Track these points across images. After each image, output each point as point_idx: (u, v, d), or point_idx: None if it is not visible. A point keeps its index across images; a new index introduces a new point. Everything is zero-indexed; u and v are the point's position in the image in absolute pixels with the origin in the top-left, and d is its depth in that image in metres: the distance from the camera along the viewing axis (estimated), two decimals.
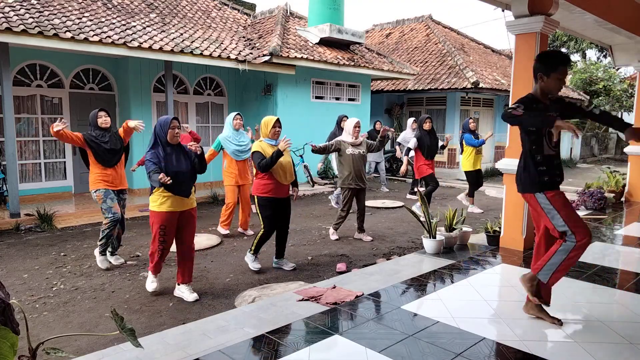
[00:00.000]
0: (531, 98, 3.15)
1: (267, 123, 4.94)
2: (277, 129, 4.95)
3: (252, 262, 5.06)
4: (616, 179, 8.47)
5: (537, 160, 3.12)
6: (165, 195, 4.07)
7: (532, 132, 3.12)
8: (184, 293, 4.24)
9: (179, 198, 4.12)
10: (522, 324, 3.26)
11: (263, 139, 4.98)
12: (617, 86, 21.13)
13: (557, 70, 3.07)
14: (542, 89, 3.17)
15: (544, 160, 3.12)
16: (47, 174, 9.21)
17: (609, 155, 23.49)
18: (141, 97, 9.91)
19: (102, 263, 5.08)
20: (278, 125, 4.96)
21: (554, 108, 3.17)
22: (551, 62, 3.10)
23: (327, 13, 11.74)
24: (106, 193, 4.99)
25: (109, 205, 4.97)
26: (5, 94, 7.15)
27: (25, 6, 7.68)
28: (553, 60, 3.11)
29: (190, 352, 2.87)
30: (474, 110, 15.22)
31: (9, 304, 1.82)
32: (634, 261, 4.90)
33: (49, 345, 2.15)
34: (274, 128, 4.92)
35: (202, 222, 7.44)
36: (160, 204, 4.08)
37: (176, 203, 4.12)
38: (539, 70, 3.14)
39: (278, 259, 5.17)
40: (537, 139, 3.12)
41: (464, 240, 5.43)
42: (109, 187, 5.03)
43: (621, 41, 8.06)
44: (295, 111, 11.34)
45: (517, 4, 5.06)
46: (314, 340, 3.01)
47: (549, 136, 3.11)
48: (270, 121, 4.94)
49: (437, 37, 16.61)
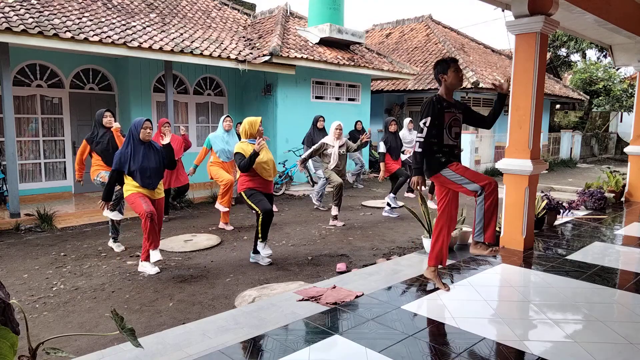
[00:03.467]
0: (434, 102, 3.65)
1: (253, 124, 5.13)
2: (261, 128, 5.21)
3: (264, 249, 5.16)
4: (616, 179, 8.46)
5: (436, 149, 3.69)
6: (135, 185, 4.79)
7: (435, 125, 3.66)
8: (147, 267, 4.88)
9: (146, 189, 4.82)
10: (522, 324, 3.26)
11: (245, 139, 5.14)
12: (617, 86, 21.12)
13: (450, 67, 3.70)
14: (446, 87, 3.74)
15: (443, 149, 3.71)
16: (47, 174, 9.21)
17: (609, 155, 23.48)
18: (141, 97, 9.91)
19: (117, 215, 5.57)
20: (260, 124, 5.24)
21: (459, 107, 3.80)
22: (443, 62, 3.73)
23: (327, 13, 11.74)
24: (107, 172, 5.56)
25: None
26: (5, 94, 7.15)
27: (25, 6, 7.68)
28: (444, 61, 3.74)
29: (190, 352, 2.87)
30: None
31: (9, 304, 1.82)
32: (634, 261, 4.90)
33: (49, 345, 2.15)
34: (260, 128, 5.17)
35: (202, 222, 7.44)
36: (130, 190, 4.83)
37: (145, 192, 4.84)
38: (439, 72, 3.74)
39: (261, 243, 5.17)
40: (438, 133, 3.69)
41: (464, 240, 5.43)
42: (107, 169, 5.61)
43: (621, 41, 8.06)
44: (295, 111, 11.34)
45: (517, 4, 5.06)
46: (314, 340, 3.01)
47: (449, 129, 3.71)
48: (255, 122, 5.14)
49: (437, 37, 16.62)
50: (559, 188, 11.37)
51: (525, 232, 5.17)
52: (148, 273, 4.85)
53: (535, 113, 5.08)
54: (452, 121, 3.71)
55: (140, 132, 4.79)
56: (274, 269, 5.11)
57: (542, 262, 4.74)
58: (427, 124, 3.60)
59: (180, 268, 5.11)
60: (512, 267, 4.62)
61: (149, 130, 4.83)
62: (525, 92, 5.10)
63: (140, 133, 4.79)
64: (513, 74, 5.24)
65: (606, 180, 8.66)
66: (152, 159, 4.85)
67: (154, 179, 4.85)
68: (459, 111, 3.79)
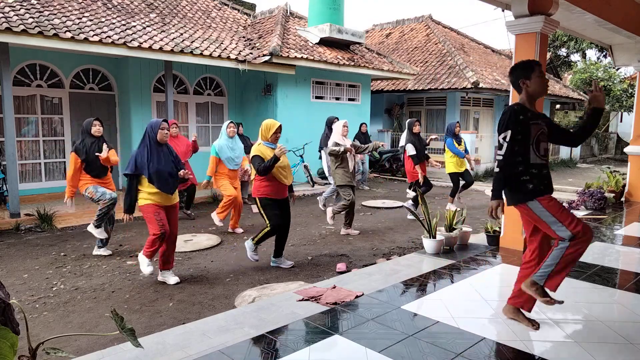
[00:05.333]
0: (516, 111, 3.08)
1: (270, 127, 5.01)
2: (278, 134, 5.05)
3: (251, 252, 5.12)
4: (616, 179, 8.46)
5: (521, 170, 3.05)
6: (151, 192, 4.49)
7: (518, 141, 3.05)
8: (168, 277, 4.63)
9: (164, 194, 4.54)
10: (522, 324, 3.26)
11: (262, 142, 5.03)
12: (617, 86, 21.12)
13: (535, 70, 3.11)
14: (529, 94, 3.15)
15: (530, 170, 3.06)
16: (47, 174, 9.21)
17: (609, 155, 23.49)
18: (141, 97, 9.91)
19: (101, 234, 5.48)
20: (279, 131, 5.06)
21: (544, 119, 3.18)
22: (526, 65, 3.15)
23: (327, 13, 11.74)
24: (94, 187, 5.46)
25: (102, 192, 5.46)
26: (5, 94, 7.14)
27: (25, 6, 7.68)
28: (527, 64, 3.16)
29: (190, 352, 2.87)
30: (474, 110, 15.22)
31: (9, 304, 1.82)
32: (634, 261, 4.90)
33: (49, 345, 2.15)
34: (275, 134, 5.01)
35: (202, 222, 7.44)
36: (146, 199, 4.52)
37: (161, 199, 4.55)
38: (519, 77, 3.15)
39: (276, 258, 5.19)
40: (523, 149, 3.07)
41: (464, 240, 5.43)
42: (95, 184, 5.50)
43: (621, 41, 8.06)
44: (295, 111, 11.34)
45: (517, 4, 5.06)
46: (314, 340, 3.01)
47: (536, 144, 3.07)
48: (272, 126, 5.01)
49: (437, 37, 16.62)
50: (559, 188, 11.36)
51: (525, 232, 5.16)
52: (169, 283, 4.60)
53: None
54: (539, 135, 3.07)
55: (158, 133, 4.54)
56: (274, 269, 5.11)
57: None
58: (508, 139, 3.00)
59: (180, 268, 5.11)
60: (512, 267, 4.61)
61: (166, 132, 4.61)
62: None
63: (157, 134, 4.54)
64: None
65: (606, 180, 8.66)
66: (169, 162, 4.62)
67: (172, 183, 4.58)
68: (544, 123, 3.15)
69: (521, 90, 3.16)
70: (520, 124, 3.02)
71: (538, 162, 3.06)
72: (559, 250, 2.94)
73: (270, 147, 5.00)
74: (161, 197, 4.53)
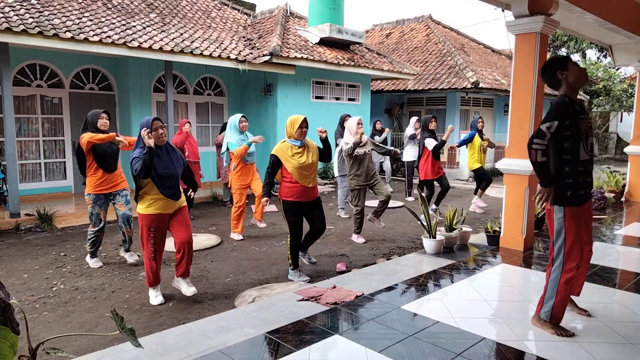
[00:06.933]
0: (567, 102, 2.92)
1: (294, 122, 4.52)
2: (304, 129, 4.54)
3: (299, 278, 4.65)
4: (616, 179, 8.47)
5: (568, 171, 2.94)
6: (154, 197, 3.96)
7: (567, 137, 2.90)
8: (182, 286, 4.16)
9: (168, 201, 4.00)
10: (522, 324, 3.26)
11: (287, 139, 4.62)
12: (617, 86, 21.13)
13: (568, 61, 3.02)
14: (570, 86, 3.00)
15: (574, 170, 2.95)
16: (47, 174, 9.21)
17: (609, 155, 23.48)
18: (141, 97, 9.91)
19: (95, 264, 5.19)
20: (305, 125, 4.54)
21: (583, 112, 3.01)
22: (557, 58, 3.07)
23: (327, 13, 11.74)
24: (96, 199, 5.03)
25: (96, 212, 5.08)
26: (5, 94, 7.15)
27: (25, 6, 7.68)
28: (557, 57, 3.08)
29: (190, 352, 2.87)
30: (474, 110, 15.22)
31: (9, 304, 1.82)
32: (634, 261, 4.90)
33: (49, 345, 2.15)
34: (300, 129, 4.52)
35: (202, 222, 7.43)
36: (147, 207, 3.97)
37: (164, 206, 4.00)
38: (557, 69, 3.01)
39: (301, 252, 4.93)
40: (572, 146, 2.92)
41: (464, 240, 5.43)
42: (102, 192, 5.04)
43: (621, 41, 8.06)
44: (295, 111, 11.30)
45: (517, 4, 5.06)
46: (314, 340, 3.01)
47: (586, 139, 2.92)
48: (297, 120, 4.52)
49: (437, 37, 16.61)
50: None
51: (525, 232, 5.17)
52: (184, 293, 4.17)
53: (535, 113, 5.08)
54: (587, 129, 2.96)
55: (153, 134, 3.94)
56: (274, 269, 5.11)
57: (542, 262, 4.74)
58: (552, 130, 2.86)
59: None
60: (512, 267, 4.62)
61: (161, 131, 3.99)
62: (525, 92, 5.10)
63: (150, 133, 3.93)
64: (513, 74, 5.24)
65: (606, 180, 8.66)
66: (173, 164, 4.06)
67: (176, 188, 4.05)
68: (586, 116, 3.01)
69: (560, 84, 3.02)
70: (570, 117, 2.88)
71: (586, 158, 2.97)
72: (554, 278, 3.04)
73: (296, 144, 4.55)
74: (164, 204, 4.00)
